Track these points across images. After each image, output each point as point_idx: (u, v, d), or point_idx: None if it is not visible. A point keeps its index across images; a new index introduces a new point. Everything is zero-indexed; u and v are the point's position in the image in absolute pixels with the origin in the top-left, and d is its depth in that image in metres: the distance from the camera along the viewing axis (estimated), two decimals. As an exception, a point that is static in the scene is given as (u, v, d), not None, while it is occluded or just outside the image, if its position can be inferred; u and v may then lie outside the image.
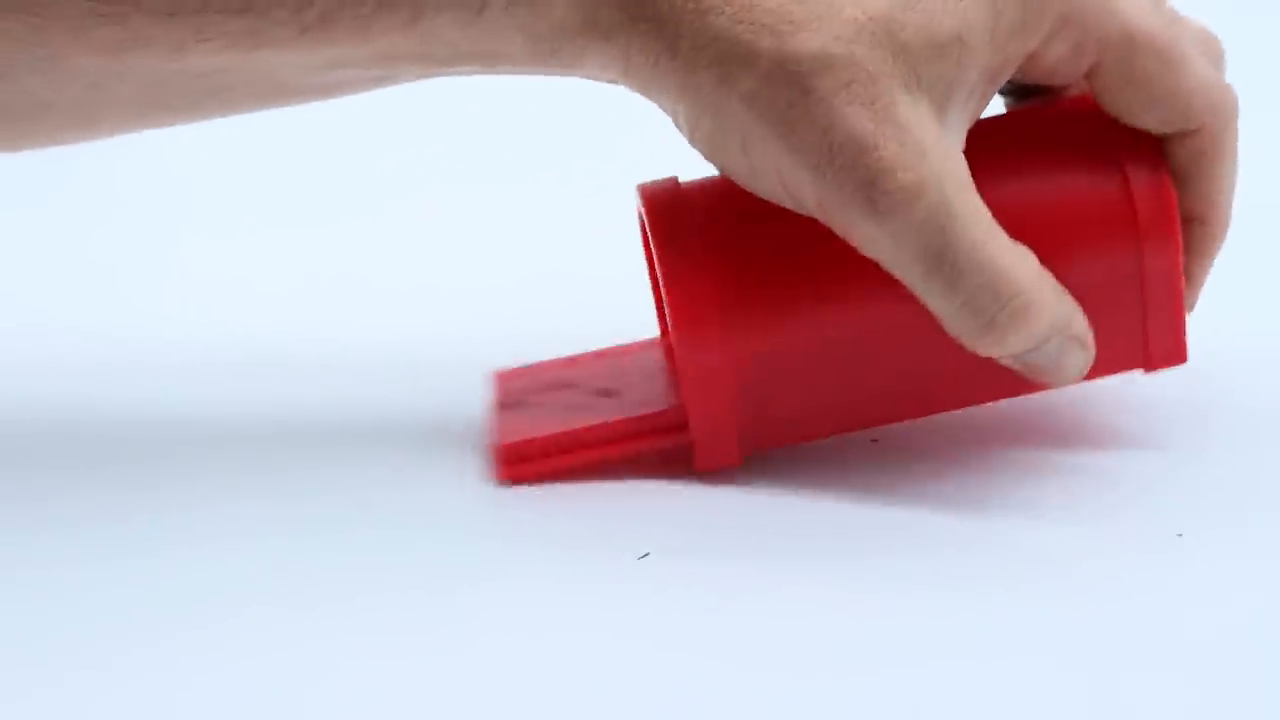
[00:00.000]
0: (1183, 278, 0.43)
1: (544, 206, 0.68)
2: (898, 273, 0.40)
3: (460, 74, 0.43)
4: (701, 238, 0.43)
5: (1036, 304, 0.40)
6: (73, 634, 0.38)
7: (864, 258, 0.40)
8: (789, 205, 0.41)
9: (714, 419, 0.43)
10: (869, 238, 0.39)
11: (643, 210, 0.44)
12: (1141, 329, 0.43)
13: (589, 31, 0.41)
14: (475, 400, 0.50)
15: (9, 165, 0.46)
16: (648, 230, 0.44)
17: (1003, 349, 0.40)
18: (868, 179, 0.38)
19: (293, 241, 0.66)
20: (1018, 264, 0.39)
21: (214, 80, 0.42)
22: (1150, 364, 0.44)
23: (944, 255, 0.39)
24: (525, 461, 0.45)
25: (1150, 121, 0.42)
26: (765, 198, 0.41)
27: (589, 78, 0.42)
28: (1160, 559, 0.40)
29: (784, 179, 0.40)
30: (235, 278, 0.64)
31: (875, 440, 0.46)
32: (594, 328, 0.52)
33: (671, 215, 0.43)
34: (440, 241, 0.66)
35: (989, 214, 0.40)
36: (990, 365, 0.41)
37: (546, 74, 0.42)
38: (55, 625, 0.39)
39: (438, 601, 0.40)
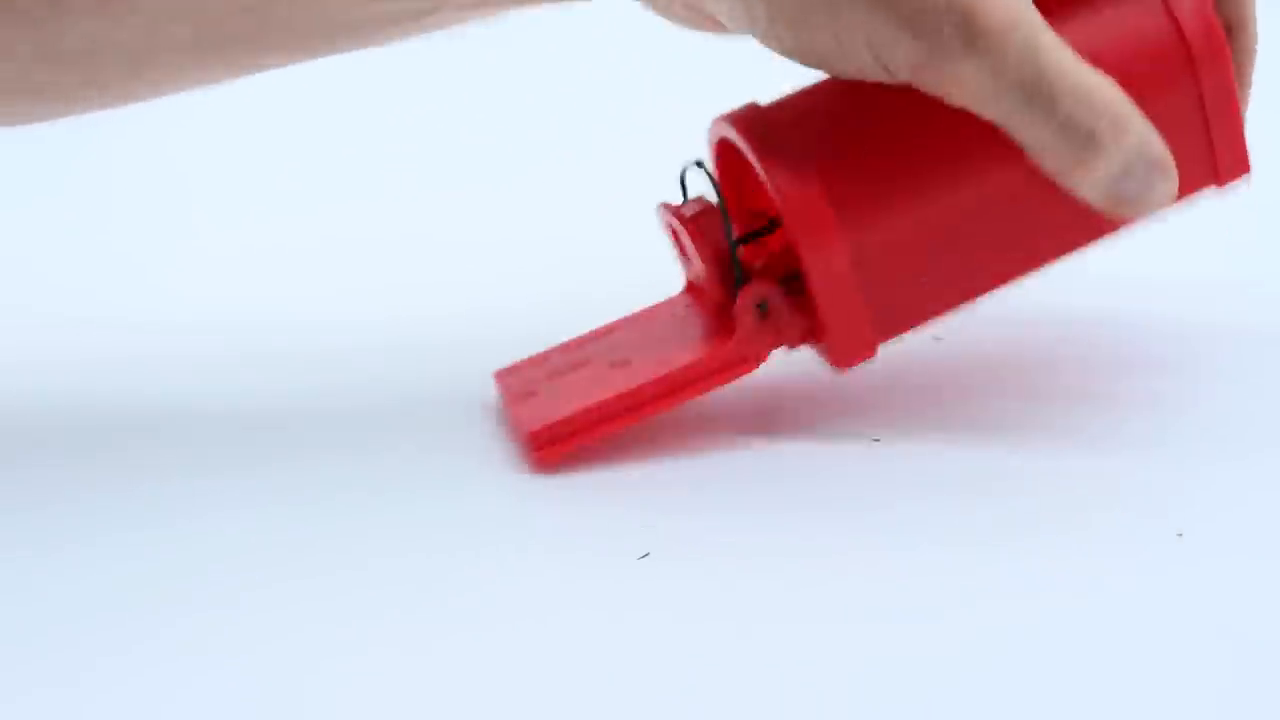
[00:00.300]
0: (1236, 92, 0.44)
1: (548, 189, 0.68)
2: (995, 110, 0.41)
3: (506, 2, 0.43)
4: (796, 141, 0.44)
5: (1126, 114, 0.42)
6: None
7: (956, 125, 0.42)
8: (876, 76, 0.42)
9: (847, 315, 0.44)
10: (967, 80, 0.41)
11: (733, 128, 0.45)
12: (1208, 148, 0.45)
13: None
14: (483, 382, 0.50)
15: (17, 155, 0.46)
16: (744, 144, 0.44)
17: (1100, 169, 0.42)
18: (964, 19, 0.40)
19: (294, 225, 0.66)
20: (1104, 81, 0.42)
21: (264, 18, 0.42)
22: (1220, 179, 0.45)
23: (1041, 80, 0.41)
24: (561, 441, 0.45)
25: None
26: (849, 75, 0.43)
27: None
28: (1160, 559, 0.40)
29: (874, 46, 0.41)
30: (241, 258, 0.63)
31: (877, 440, 0.46)
32: (593, 304, 0.52)
33: (761, 127, 0.44)
34: (440, 225, 0.66)
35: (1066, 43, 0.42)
36: (1083, 212, 0.43)
37: None
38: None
39: (442, 572, 0.40)
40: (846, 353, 0.45)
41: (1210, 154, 0.45)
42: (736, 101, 0.46)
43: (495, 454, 0.46)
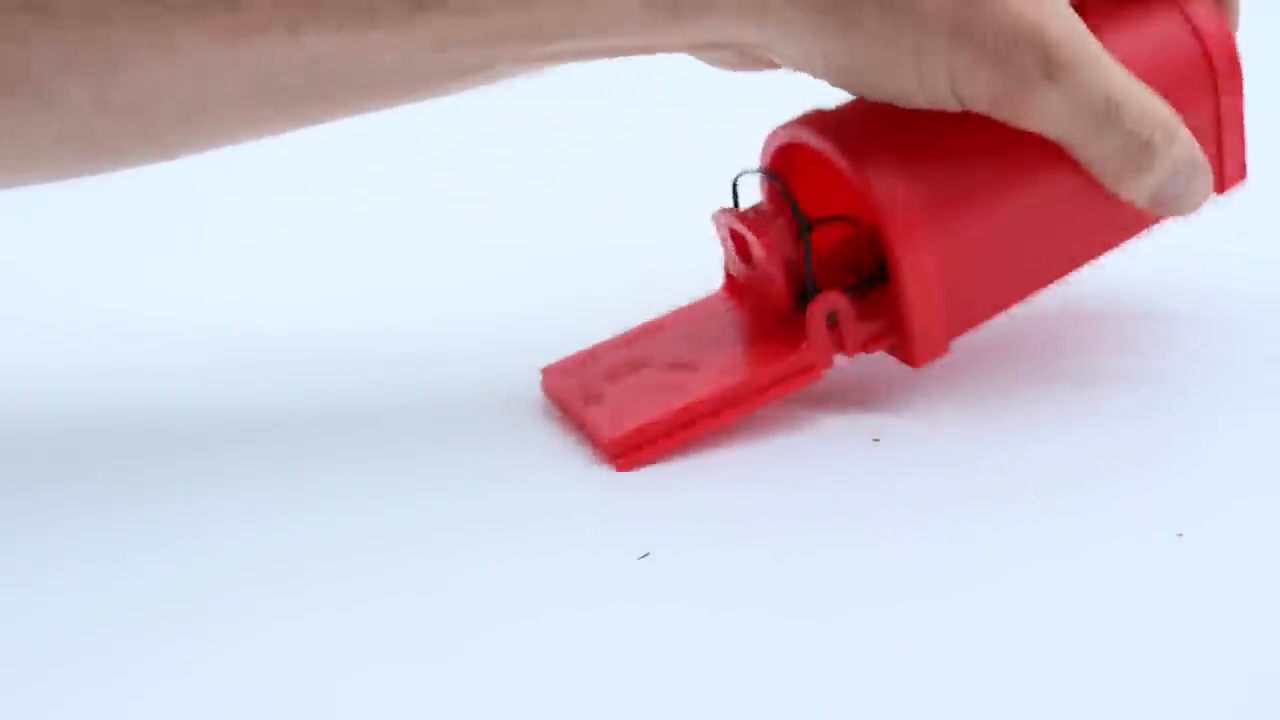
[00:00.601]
0: (1243, 110, 0.48)
1: (572, 189, 0.68)
2: (1064, 132, 0.44)
3: (561, 56, 0.43)
4: (872, 144, 0.45)
5: (1175, 125, 0.45)
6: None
7: (1020, 140, 0.44)
8: (945, 105, 0.44)
9: (930, 313, 0.46)
10: (1046, 107, 0.43)
11: (810, 132, 0.46)
12: (1219, 159, 0.48)
13: None
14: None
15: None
16: (826, 146, 0.45)
17: (1153, 176, 0.45)
18: (1045, 54, 0.43)
19: (318, 226, 0.65)
20: (1153, 95, 0.45)
21: (322, 71, 0.42)
22: (1222, 188, 0.49)
23: (1109, 103, 0.44)
24: (641, 448, 0.46)
25: None
26: (917, 106, 0.44)
27: (697, 43, 0.44)
28: (1160, 559, 0.40)
29: (956, 80, 0.43)
30: (257, 259, 0.63)
31: (877, 440, 0.46)
32: (622, 300, 0.52)
33: (837, 131, 0.46)
34: (463, 226, 0.65)
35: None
36: (1125, 211, 0.47)
37: (652, 45, 0.43)
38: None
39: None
40: (925, 350, 0.47)
41: (1220, 164, 0.48)
42: (762, 107, 0.46)
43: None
